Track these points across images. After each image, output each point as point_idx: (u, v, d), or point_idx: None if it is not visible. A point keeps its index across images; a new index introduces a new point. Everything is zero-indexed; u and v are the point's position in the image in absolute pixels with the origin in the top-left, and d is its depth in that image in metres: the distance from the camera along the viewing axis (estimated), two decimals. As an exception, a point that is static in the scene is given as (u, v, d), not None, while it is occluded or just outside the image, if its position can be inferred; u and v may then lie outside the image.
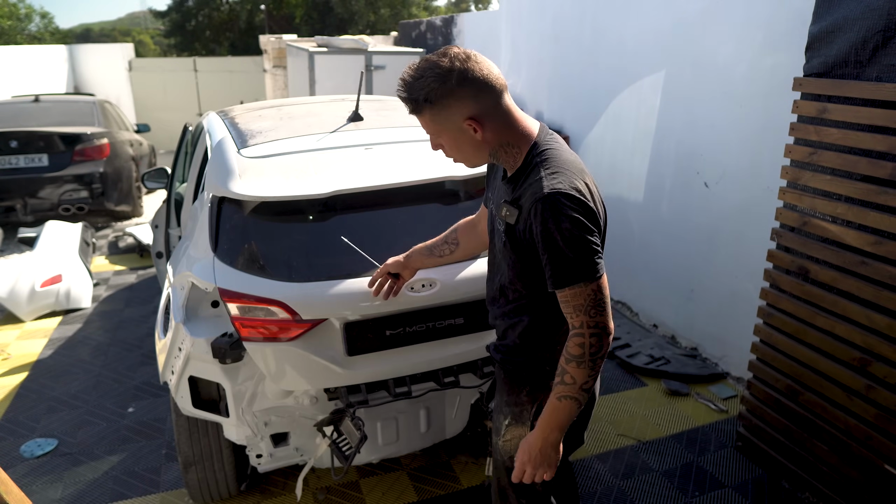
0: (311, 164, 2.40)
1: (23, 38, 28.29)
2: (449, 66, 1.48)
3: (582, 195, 1.48)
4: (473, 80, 1.50)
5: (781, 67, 3.22)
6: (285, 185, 2.28)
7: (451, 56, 1.50)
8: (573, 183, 1.49)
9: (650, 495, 2.87)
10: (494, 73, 1.54)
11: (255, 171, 2.36)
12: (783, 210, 2.80)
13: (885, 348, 2.37)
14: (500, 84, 1.55)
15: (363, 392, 2.38)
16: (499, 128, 1.57)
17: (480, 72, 1.50)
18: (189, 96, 13.87)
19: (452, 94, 1.49)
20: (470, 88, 1.50)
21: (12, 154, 6.83)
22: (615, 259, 4.88)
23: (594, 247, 1.48)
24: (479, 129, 1.54)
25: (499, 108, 1.56)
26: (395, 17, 26.00)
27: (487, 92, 1.52)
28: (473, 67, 1.50)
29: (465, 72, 1.49)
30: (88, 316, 4.99)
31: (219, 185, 2.35)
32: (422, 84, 1.50)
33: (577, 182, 1.50)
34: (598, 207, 1.55)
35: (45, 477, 3.06)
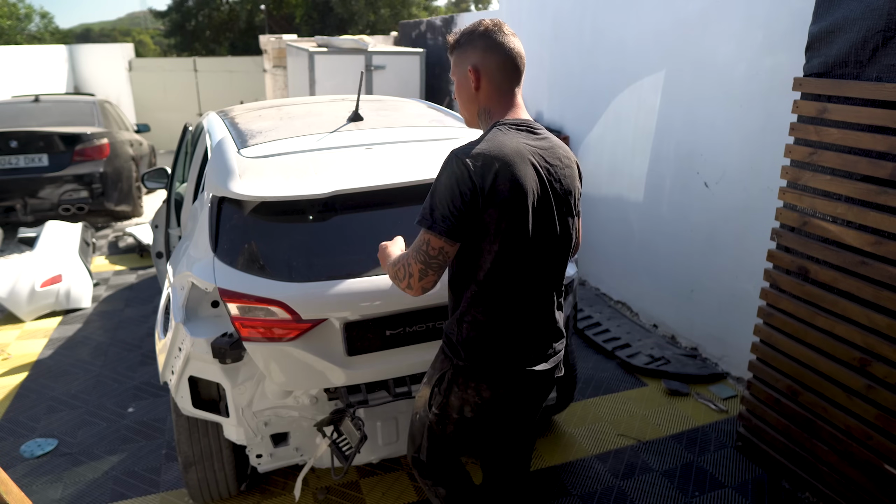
0: (311, 163, 2.40)
1: (23, 38, 28.29)
2: (482, 26, 1.73)
3: (470, 165, 1.57)
4: (490, 41, 1.71)
5: (781, 67, 3.22)
6: (285, 185, 2.28)
7: (487, 21, 1.74)
8: (478, 154, 1.59)
9: (650, 495, 2.87)
10: (513, 48, 1.72)
11: (255, 171, 2.36)
12: (783, 210, 2.80)
13: (885, 348, 2.37)
14: (512, 57, 1.71)
15: (363, 392, 2.38)
16: (491, 92, 1.73)
17: (500, 38, 1.71)
18: (189, 96, 13.87)
19: (471, 44, 1.73)
20: (484, 44, 1.71)
21: (12, 154, 6.83)
22: (615, 259, 4.88)
23: (449, 207, 1.58)
24: (476, 81, 1.72)
25: (500, 75, 1.72)
26: (395, 17, 26.00)
27: (497, 55, 1.70)
28: (497, 33, 1.71)
29: (487, 32, 1.71)
30: (88, 316, 4.99)
31: (219, 185, 2.35)
32: (459, 33, 1.78)
33: (483, 156, 1.58)
34: (488, 184, 1.57)
35: (45, 477, 3.06)
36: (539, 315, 1.78)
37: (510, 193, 1.59)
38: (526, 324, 1.75)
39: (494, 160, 1.58)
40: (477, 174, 1.56)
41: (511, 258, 1.65)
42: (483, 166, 1.57)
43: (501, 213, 1.59)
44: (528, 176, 1.62)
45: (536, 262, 1.70)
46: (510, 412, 1.85)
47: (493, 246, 1.63)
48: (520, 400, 1.83)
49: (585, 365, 4.02)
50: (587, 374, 3.91)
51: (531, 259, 1.69)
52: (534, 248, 1.68)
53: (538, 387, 1.84)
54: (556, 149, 1.74)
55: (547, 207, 1.68)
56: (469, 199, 1.57)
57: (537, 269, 1.72)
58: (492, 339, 1.73)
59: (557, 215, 1.71)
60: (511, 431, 1.99)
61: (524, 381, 1.78)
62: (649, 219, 4.44)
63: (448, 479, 2.04)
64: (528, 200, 1.61)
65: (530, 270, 1.70)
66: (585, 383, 3.81)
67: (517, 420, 1.93)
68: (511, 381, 1.77)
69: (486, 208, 1.59)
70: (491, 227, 1.61)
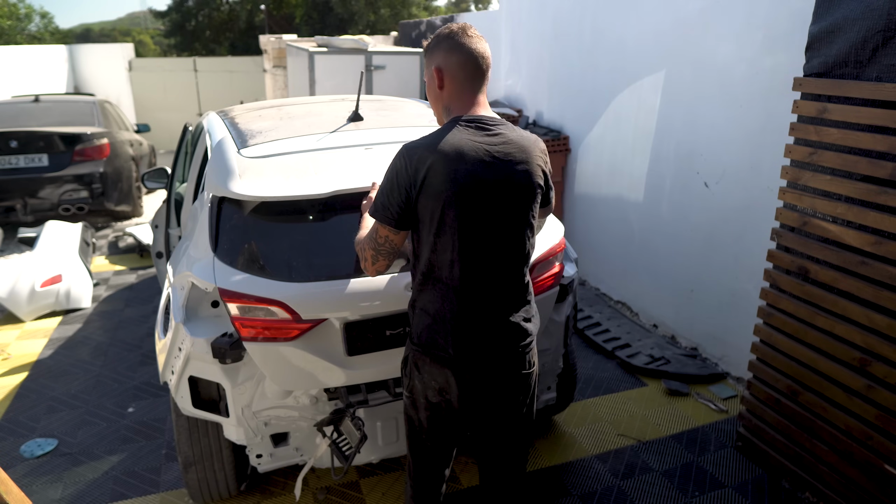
0: (311, 163, 2.40)
1: (23, 38, 28.28)
2: (447, 29, 1.81)
3: (407, 158, 1.70)
4: (453, 42, 1.78)
5: (781, 67, 3.22)
6: (285, 185, 2.28)
7: (454, 24, 1.82)
8: (416, 148, 1.71)
9: (650, 495, 2.87)
10: (474, 49, 1.78)
11: (255, 171, 2.36)
12: (783, 210, 2.80)
13: (885, 348, 2.37)
14: (474, 58, 1.78)
15: (363, 392, 2.38)
16: (453, 91, 1.80)
17: (462, 40, 1.78)
18: (189, 96, 13.87)
19: (437, 46, 1.81)
20: (448, 46, 1.78)
21: (12, 154, 6.83)
22: (615, 259, 4.88)
23: (389, 197, 1.73)
24: (440, 81, 1.81)
25: (461, 75, 1.78)
26: (395, 17, 25.99)
27: (459, 55, 1.77)
28: (460, 35, 1.78)
29: (451, 34, 1.79)
30: (88, 316, 4.99)
31: (219, 185, 2.35)
32: (434, 35, 1.86)
33: (420, 150, 1.70)
34: (421, 177, 1.68)
35: (45, 477, 3.06)
36: (483, 308, 1.79)
37: (442, 186, 1.68)
38: (466, 315, 1.78)
39: (430, 154, 1.68)
40: (412, 167, 1.69)
41: (446, 249, 1.73)
42: (419, 160, 1.69)
43: (434, 205, 1.69)
44: (463, 170, 1.68)
45: (474, 254, 1.75)
46: (470, 402, 1.87)
47: (430, 237, 1.74)
48: (473, 389, 1.84)
49: (585, 365, 4.02)
50: (587, 374, 3.91)
51: (468, 250, 1.74)
52: (470, 240, 1.73)
53: (492, 379, 1.85)
54: (507, 144, 1.75)
55: (486, 201, 1.72)
56: (405, 191, 1.70)
57: (476, 261, 1.75)
58: (434, 328, 1.80)
59: (500, 209, 1.74)
60: (487, 425, 1.98)
61: (467, 371, 1.81)
62: (649, 219, 4.44)
63: (420, 484, 2.06)
64: (460, 193, 1.68)
65: (468, 261, 1.74)
66: (585, 383, 3.81)
67: (486, 412, 1.93)
68: (457, 370, 1.81)
69: (419, 200, 1.70)
70: (426, 218, 1.72)
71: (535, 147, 1.81)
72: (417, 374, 1.87)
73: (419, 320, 1.84)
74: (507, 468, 2.11)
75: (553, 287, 2.57)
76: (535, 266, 2.46)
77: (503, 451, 2.07)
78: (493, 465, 2.10)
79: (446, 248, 1.73)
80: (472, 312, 1.79)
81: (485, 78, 1.82)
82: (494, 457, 2.08)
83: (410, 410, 1.97)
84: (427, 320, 1.81)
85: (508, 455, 2.08)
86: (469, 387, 1.84)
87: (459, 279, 1.75)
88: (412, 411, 1.96)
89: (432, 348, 1.81)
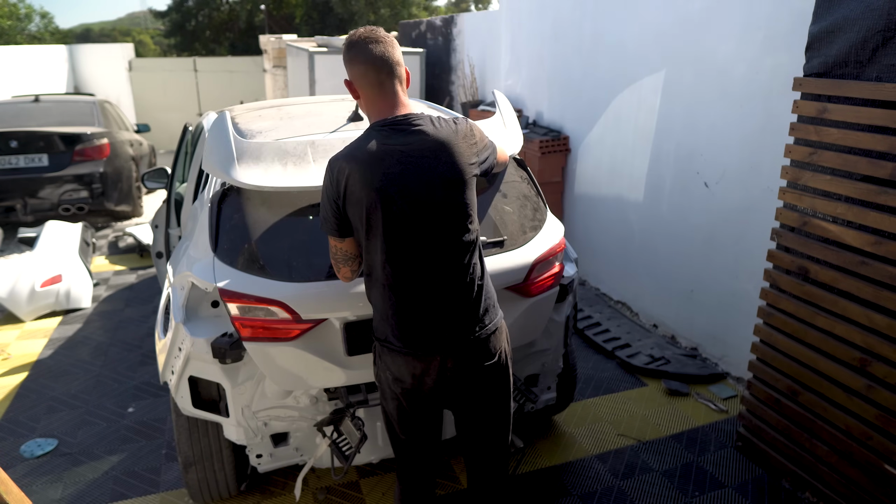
0: (309, 150, 2.37)
1: (23, 38, 28.27)
2: (347, 40, 1.85)
3: (331, 171, 1.81)
4: (350, 54, 1.82)
5: (781, 67, 3.22)
6: (282, 175, 2.26)
7: (354, 33, 1.85)
8: (335, 161, 1.80)
9: (650, 495, 2.87)
10: (373, 56, 1.80)
11: (252, 156, 2.32)
12: (783, 210, 2.80)
13: (885, 348, 2.37)
14: (370, 64, 1.80)
15: (363, 392, 2.38)
16: (365, 99, 1.87)
17: (357, 50, 1.81)
18: (189, 96, 13.88)
19: (344, 59, 1.86)
20: (348, 58, 1.83)
21: (12, 154, 6.83)
22: (615, 259, 4.89)
23: (325, 209, 1.85)
24: (353, 92, 1.88)
25: (365, 82, 1.82)
26: (395, 17, 26.00)
27: (357, 66, 1.82)
28: (355, 45, 1.82)
29: (348, 47, 1.83)
30: (88, 316, 4.99)
31: (217, 170, 2.31)
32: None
33: (339, 162, 1.79)
34: (342, 188, 1.78)
35: (45, 477, 3.06)
36: (422, 302, 1.84)
37: (361, 193, 1.76)
38: (405, 310, 1.85)
39: (347, 164, 1.76)
40: (334, 179, 1.79)
41: (376, 251, 1.82)
42: (339, 171, 1.78)
43: (358, 212, 1.78)
44: (378, 175, 1.75)
45: (403, 253, 1.81)
46: (429, 392, 1.91)
47: (363, 240, 1.84)
48: (428, 380, 1.89)
49: (585, 365, 4.02)
50: (587, 374, 3.91)
51: (395, 250, 1.80)
52: (397, 240, 1.80)
53: (448, 369, 1.89)
54: (424, 141, 1.79)
55: (406, 201, 1.77)
56: (334, 202, 1.81)
57: (405, 259, 1.81)
58: (382, 322, 1.89)
59: (424, 206, 1.78)
60: (461, 418, 2.05)
61: (419, 361, 1.87)
62: (649, 219, 4.44)
63: (407, 475, 2.11)
64: (379, 198, 1.75)
65: (396, 261, 1.81)
66: (585, 383, 3.81)
67: (450, 402, 2.00)
68: (408, 360, 1.87)
69: (346, 208, 1.81)
70: (356, 223, 1.82)
71: (456, 136, 1.84)
72: (381, 363, 1.94)
73: (373, 315, 1.94)
74: (488, 466, 2.12)
75: (553, 287, 2.57)
76: (535, 266, 2.46)
77: (482, 447, 2.10)
78: (474, 463, 2.12)
79: (376, 249, 1.82)
80: (411, 307, 1.85)
81: (394, 78, 1.83)
82: (475, 454, 2.12)
83: (382, 401, 2.04)
84: (377, 315, 1.92)
85: (488, 452, 2.10)
86: (422, 377, 1.89)
87: (392, 277, 1.83)
88: (384, 402, 2.03)
89: (384, 341, 1.90)
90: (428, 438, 2.05)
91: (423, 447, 2.06)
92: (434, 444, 2.08)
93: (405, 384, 1.91)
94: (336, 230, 1.87)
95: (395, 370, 1.90)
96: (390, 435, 2.08)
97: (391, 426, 2.05)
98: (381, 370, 1.96)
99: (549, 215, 2.74)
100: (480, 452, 2.10)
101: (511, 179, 2.65)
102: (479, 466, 2.12)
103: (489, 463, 2.11)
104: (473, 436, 2.07)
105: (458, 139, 1.84)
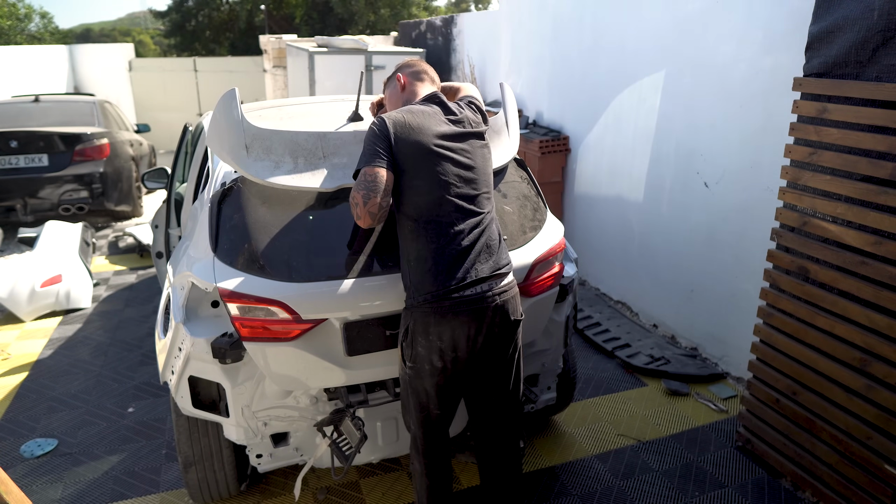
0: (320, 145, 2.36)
1: (23, 38, 28.25)
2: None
3: (382, 119, 2.04)
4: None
5: (781, 67, 3.22)
6: (293, 172, 2.26)
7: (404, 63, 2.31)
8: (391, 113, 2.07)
9: (650, 495, 2.87)
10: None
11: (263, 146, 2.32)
12: (783, 210, 2.80)
13: (885, 348, 2.37)
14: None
15: (363, 392, 2.38)
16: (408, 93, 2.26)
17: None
18: (189, 96, 13.87)
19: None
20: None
21: (12, 154, 6.83)
22: (615, 259, 4.89)
23: (376, 148, 2.00)
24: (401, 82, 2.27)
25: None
26: (395, 17, 25.98)
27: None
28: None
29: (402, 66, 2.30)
30: (88, 316, 4.99)
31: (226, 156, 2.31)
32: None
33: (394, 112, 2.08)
34: (399, 130, 2.03)
35: (45, 477, 3.06)
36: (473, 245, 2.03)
37: (411, 141, 2.00)
38: (463, 251, 2.01)
39: (402, 116, 2.05)
40: (390, 121, 2.04)
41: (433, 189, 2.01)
42: (398, 118, 2.05)
43: (410, 152, 2.00)
44: (427, 128, 2.03)
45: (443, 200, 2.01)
46: (471, 348, 2.03)
47: (413, 181, 2.02)
48: (472, 328, 2.00)
49: (585, 365, 4.02)
50: (587, 374, 3.91)
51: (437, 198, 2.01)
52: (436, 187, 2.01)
53: (483, 317, 2.01)
54: (455, 102, 2.18)
55: (445, 151, 2.03)
56: (386, 138, 2.02)
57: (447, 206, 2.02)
58: (435, 273, 1.99)
59: (456, 157, 2.04)
60: (487, 378, 2.14)
61: (462, 307, 1.98)
62: (649, 219, 4.44)
63: (430, 458, 2.17)
64: (424, 147, 2.01)
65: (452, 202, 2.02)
66: (585, 383, 3.81)
67: (485, 359, 2.09)
68: (452, 309, 1.97)
69: (397, 148, 1.99)
70: (405, 165, 2.00)
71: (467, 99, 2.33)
72: (421, 339, 2.00)
73: (418, 273, 2.02)
74: (504, 457, 2.15)
75: (553, 287, 2.57)
76: (535, 266, 2.46)
77: (500, 424, 2.19)
78: (489, 452, 2.16)
79: (430, 190, 2.04)
80: (464, 251, 2.01)
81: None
82: (491, 437, 2.19)
83: (416, 381, 2.06)
84: (427, 267, 2.00)
85: (504, 442, 2.16)
86: (475, 337, 2.00)
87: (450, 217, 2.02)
88: (417, 382, 2.06)
89: (440, 298, 1.97)
90: (453, 414, 2.16)
91: (449, 421, 2.15)
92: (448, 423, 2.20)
93: (459, 350, 1.99)
94: (385, 163, 1.98)
95: (448, 337, 1.98)
96: (421, 414, 2.12)
97: (425, 406, 2.09)
98: (425, 347, 2.01)
99: (549, 215, 2.74)
100: (497, 433, 2.19)
101: (511, 179, 2.65)
102: (494, 455, 2.17)
103: (504, 453, 2.17)
104: (491, 411, 2.18)
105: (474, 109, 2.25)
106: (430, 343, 1.99)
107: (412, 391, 2.10)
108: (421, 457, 2.20)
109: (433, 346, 1.99)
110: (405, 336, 2.05)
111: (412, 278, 2.03)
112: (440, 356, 2.00)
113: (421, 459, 2.21)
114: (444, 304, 1.96)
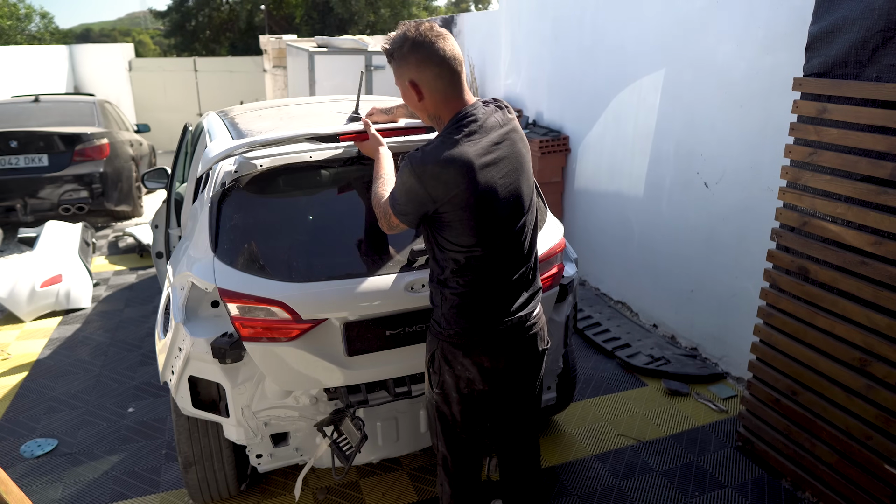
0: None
1: (23, 38, 28.25)
2: (409, 39, 1.76)
3: (422, 171, 1.72)
4: (421, 54, 1.75)
5: (781, 67, 3.22)
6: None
7: (419, 28, 1.77)
8: (433, 153, 1.73)
9: (650, 495, 2.87)
10: (445, 54, 1.76)
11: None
12: (783, 210, 2.80)
13: (885, 348, 2.37)
14: (447, 63, 1.76)
15: (363, 392, 2.38)
16: (436, 100, 1.81)
17: (430, 49, 1.74)
18: (189, 96, 13.87)
19: (403, 59, 1.78)
20: (416, 59, 1.76)
21: (12, 154, 6.83)
22: (615, 259, 4.88)
23: (411, 205, 1.79)
24: (418, 95, 1.81)
25: (440, 83, 1.78)
26: (395, 17, 25.99)
27: (431, 67, 1.76)
28: (426, 44, 1.74)
29: (416, 45, 1.75)
30: (88, 316, 4.99)
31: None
32: (392, 41, 1.81)
33: (434, 162, 1.72)
34: (450, 178, 1.73)
35: (45, 477, 3.06)
36: (509, 285, 1.91)
37: (465, 193, 1.74)
38: (498, 295, 1.89)
39: (444, 170, 1.72)
40: (431, 185, 1.74)
41: (470, 236, 1.79)
42: (432, 177, 1.73)
43: (456, 210, 1.76)
44: (484, 175, 1.75)
45: (499, 237, 1.83)
46: (500, 378, 1.96)
47: (458, 235, 1.80)
48: (502, 360, 1.94)
49: (585, 365, 4.02)
50: (587, 374, 3.91)
51: (491, 235, 1.82)
52: (493, 225, 1.81)
53: (515, 347, 1.95)
54: (503, 135, 1.83)
55: (496, 197, 1.79)
56: (424, 203, 1.78)
57: (501, 242, 1.85)
58: (467, 317, 1.88)
59: (506, 200, 1.82)
60: (512, 404, 2.09)
61: (499, 339, 1.90)
62: (649, 219, 4.44)
63: (460, 478, 2.11)
64: (482, 192, 1.76)
65: (492, 244, 1.83)
66: (585, 383, 3.81)
67: (512, 387, 2.04)
68: (488, 341, 1.89)
69: (441, 208, 1.77)
70: (450, 219, 1.78)
71: (512, 121, 2.00)
72: (448, 367, 1.93)
73: (450, 314, 1.89)
74: (527, 461, 2.15)
75: (553, 287, 2.57)
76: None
77: (523, 438, 2.16)
78: (513, 455, 2.15)
79: (467, 237, 1.82)
80: (498, 293, 1.90)
81: (462, 75, 1.84)
82: (515, 446, 2.16)
83: (443, 406, 2.02)
84: (460, 311, 1.88)
85: (527, 443, 2.17)
86: (504, 370, 1.94)
87: (484, 262, 1.84)
88: (444, 407, 2.01)
89: (468, 337, 1.88)
90: (482, 436, 2.11)
91: (480, 441, 2.11)
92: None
93: (487, 380, 1.92)
94: (415, 224, 1.86)
95: (476, 370, 1.91)
96: (448, 437, 2.06)
97: (452, 429, 2.04)
98: (452, 375, 1.94)
99: (549, 215, 2.74)
100: (524, 443, 2.17)
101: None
102: (521, 462, 2.16)
103: (531, 453, 2.17)
104: (519, 424, 2.14)
105: (518, 133, 1.91)
106: (457, 373, 1.94)
107: (439, 415, 2.05)
108: (448, 478, 2.13)
109: (461, 377, 1.94)
110: (431, 362, 1.99)
111: (444, 310, 1.90)
112: (468, 384, 1.94)
113: (448, 480, 2.13)
114: (475, 339, 1.89)
